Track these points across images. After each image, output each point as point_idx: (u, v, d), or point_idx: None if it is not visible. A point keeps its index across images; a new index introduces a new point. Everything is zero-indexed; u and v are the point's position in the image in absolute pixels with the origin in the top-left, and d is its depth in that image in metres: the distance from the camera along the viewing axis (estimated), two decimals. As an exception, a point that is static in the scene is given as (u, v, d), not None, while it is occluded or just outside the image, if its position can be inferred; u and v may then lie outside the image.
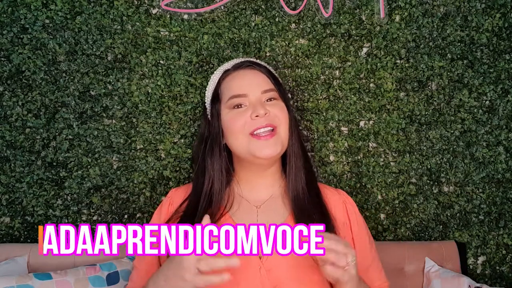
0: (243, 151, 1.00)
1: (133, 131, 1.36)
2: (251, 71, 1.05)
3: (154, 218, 1.07)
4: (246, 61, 1.09)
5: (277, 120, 1.00)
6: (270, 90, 1.02)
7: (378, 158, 1.42)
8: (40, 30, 1.32)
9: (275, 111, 1.00)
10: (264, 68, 1.08)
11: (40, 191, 1.33)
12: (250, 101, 1.00)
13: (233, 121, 1.00)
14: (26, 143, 1.33)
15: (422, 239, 1.44)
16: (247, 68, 1.06)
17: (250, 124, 0.98)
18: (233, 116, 1.00)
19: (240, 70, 1.06)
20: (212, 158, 1.03)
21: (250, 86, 1.01)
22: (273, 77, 1.06)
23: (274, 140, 0.98)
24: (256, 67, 1.06)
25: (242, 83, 1.03)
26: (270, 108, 0.99)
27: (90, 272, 1.17)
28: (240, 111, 1.00)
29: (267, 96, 1.02)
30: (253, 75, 1.04)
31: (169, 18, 1.36)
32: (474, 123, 1.43)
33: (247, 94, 1.00)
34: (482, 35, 1.42)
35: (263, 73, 1.05)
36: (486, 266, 1.46)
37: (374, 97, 1.41)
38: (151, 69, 1.35)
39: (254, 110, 0.98)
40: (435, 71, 1.42)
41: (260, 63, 1.11)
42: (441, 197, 1.44)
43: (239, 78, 1.04)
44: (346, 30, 1.40)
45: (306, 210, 0.97)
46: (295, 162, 1.03)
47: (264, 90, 1.01)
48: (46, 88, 1.33)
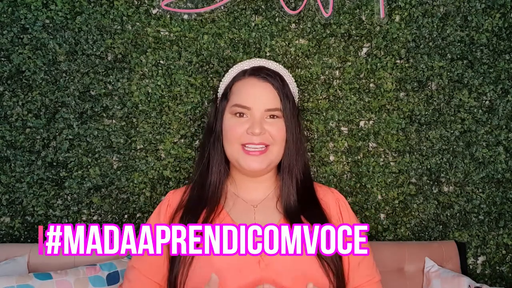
0: (233, 159, 1.03)
1: (133, 131, 1.36)
2: (263, 83, 1.03)
3: (153, 219, 1.06)
4: (263, 70, 1.06)
5: (271, 140, 1.01)
6: (275, 109, 1.02)
7: (378, 158, 1.43)
8: (40, 30, 1.32)
9: (272, 131, 1.01)
10: (279, 80, 1.05)
11: (40, 191, 1.34)
12: (252, 115, 1.01)
13: (231, 129, 1.02)
14: (26, 143, 1.33)
15: (422, 239, 1.45)
16: (261, 79, 1.04)
17: (245, 137, 1.00)
18: (232, 124, 1.02)
19: (253, 79, 1.04)
20: (215, 154, 1.05)
21: (255, 101, 1.01)
22: (285, 94, 1.04)
23: (262, 158, 1.00)
24: (270, 80, 1.03)
25: (249, 95, 1.02)
26: (268, 127, 1.01)
27: (90, 272, 1.17)
28: (240, 121, 1.01)
29: (270, 113, 1.02)
30: (263, 90, 1.03)
31: (169, 18, 1.36)
32: (474, 123, 1.44)
33: (251, 108, 1.01)
34: (482, 35, 1.43)
35: (275, 88, 1.03)
36: (486, 266, 1.46)
37: (374, 97, 1.42)
38: (151, 69, 1.36)
39: (251, 126, 0.99)
40: (435, 71, 1.42)
41: (277, 70, 1.09)
42: (441, 197, 1.45)
43: (249, 88, 1.03)
44: (346, 30, 1.40)
45: (296, 218, 0.99)
46: (288, 175, 1.04)
47: (268, 109, 1.01)
48: (46, 88, 1.33)
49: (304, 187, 1.05)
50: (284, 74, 1.10)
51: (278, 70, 1.09)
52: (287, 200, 1.02)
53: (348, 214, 1.06)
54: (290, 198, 1.02)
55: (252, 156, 0.99)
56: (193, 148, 1.38)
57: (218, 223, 0.97)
